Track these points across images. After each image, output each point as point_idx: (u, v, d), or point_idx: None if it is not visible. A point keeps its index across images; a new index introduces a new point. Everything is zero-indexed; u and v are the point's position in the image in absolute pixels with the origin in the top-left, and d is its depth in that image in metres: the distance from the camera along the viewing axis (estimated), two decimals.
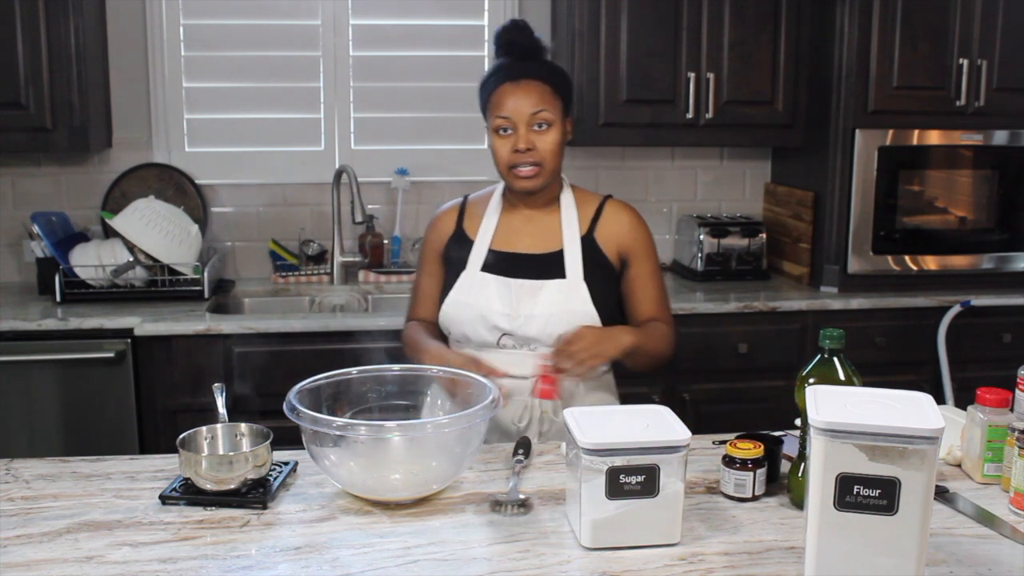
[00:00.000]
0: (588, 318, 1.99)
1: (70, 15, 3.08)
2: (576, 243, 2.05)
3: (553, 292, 2.00)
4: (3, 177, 3.45)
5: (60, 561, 1.39)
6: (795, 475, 1.59)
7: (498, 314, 1.99)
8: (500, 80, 2.01)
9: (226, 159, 3.56)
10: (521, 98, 1.97)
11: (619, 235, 2.09)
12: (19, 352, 2.87)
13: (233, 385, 2.90)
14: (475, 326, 2.01)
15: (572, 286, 2.01)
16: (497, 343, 2.01)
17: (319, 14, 3.52)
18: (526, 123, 1.97)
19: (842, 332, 1.54)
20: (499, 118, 1.98)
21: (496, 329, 2.00)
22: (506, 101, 1.98)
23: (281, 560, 1.41)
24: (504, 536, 1.48)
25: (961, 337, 3.30)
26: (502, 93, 1.99)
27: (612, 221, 2.10)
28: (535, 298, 2.00)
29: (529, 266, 2.04)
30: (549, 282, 2.01)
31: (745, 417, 3.00)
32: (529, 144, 1.97)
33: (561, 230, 2.07)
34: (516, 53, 2.03)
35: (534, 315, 1.99)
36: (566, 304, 1.99)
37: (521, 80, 1.99)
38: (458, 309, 2.03)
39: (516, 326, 1.99)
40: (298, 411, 1.58)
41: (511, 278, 2.02)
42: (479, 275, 2.04)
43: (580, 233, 2.06)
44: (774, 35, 3.39)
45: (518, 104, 1.97)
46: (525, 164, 1.98)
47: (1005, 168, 3.45)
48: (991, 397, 1.69)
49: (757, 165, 3.85)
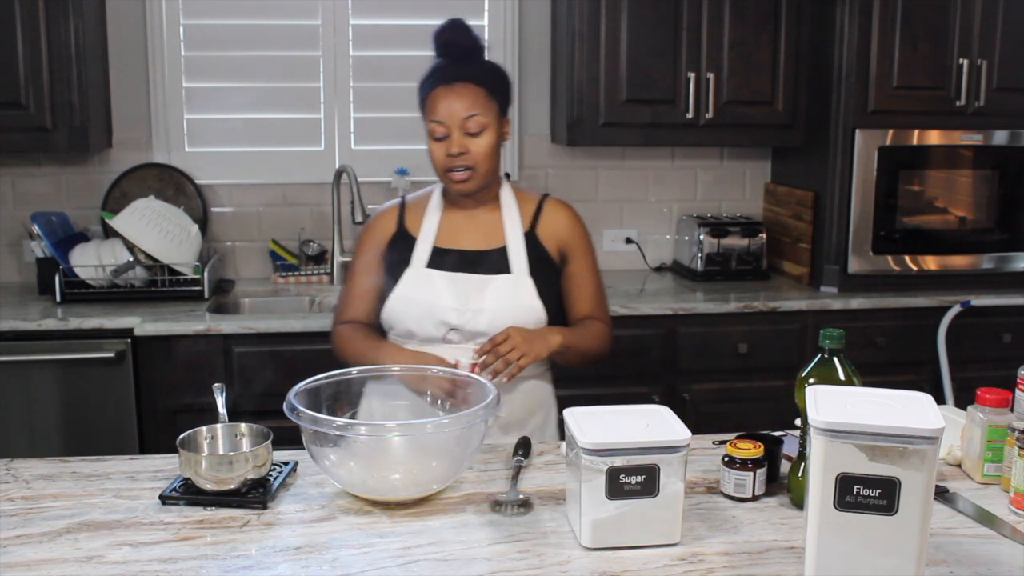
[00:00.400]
0: (535, 312, 2.03)
1: (70, 15, 3.08)
2: (519, 239, 2.08)
3: (500, 287, 2.02)
4: (3, 177, 3.45)
5: (60, 561, 1.39)
6: (795, 475, 1.59)
7: (447, 309, 2.00)
8: (434, 83, 2.01)
9: (226, 159, 3.56)
10: (454, 102, 1.98)
11: (559, 232, 2.12)
12: (19, 352, 2.87)
13: (233, 385, 2.91)
14: (422, 322, 2.02)
15: (518, 281, 2.04)
16: (443, 338, 2.02)
17: (319, 14, 3.52)
18: (459, 127, 1.98)
19: (842, 332, 1.54)
20: (433, 122, 2.00)
21: (444, 324, 2.01)
22: (439, 105, 1.99)
23: (281, 560, 1.41)
24: (504, 536, 1.48)
25: (961, 337, 3.30)
26: (435, 96, 2.00)
27: (552, 218, 2.12)
28: (482, 293, 2.01)
29: (474, 262, 2.05)
30: (496, 277, 2.03)
31: (745, 417, 3.00)
32: (462, 148, 1.98)
33: (503, 227, 2.09)
34: (454, 54, 2.03)
35: (483, 309, 2.00)
36: (514, 298, 2.02)
37: (455, 83, 1.99)
38: (405, 305, 2.03)
39: (465, 320, 2.00)
40: (298, 411, 1.58)
41: (458, 273, 2.03)
42: (425, 271, 2.04)
43: (523, 229, 2.09)
44: (774, 35, 3.39)
45: (451, 108, 1.98)
46: (458, 168, 2.00)
47: (1005, 168, 3.45)
48: (991, 397, 1.69)
49: (757, 165, 3.85)
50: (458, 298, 2.01)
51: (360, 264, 2.13)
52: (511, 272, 2.05)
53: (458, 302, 2.00)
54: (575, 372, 3.10)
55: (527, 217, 2.11)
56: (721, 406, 3.20)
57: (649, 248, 3.82)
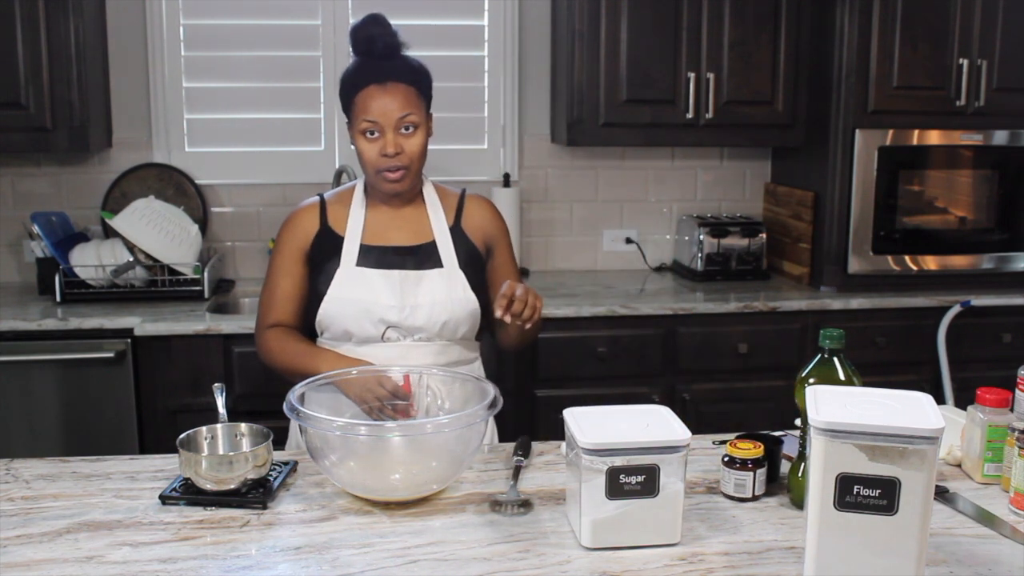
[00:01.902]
0: (470, 304, 2.03)
1: (70, 15, 3.08)
2: (446, 233, 2.07)
3: (435, 281, 2.01)
4: (3, 177, 3.45)
5: (60, 561, 1.39)
6: (795, 475, 1.59)
7: (384, 307, 1.98)
8: (366, 81, 1.97)
9: (226, 159, 3.56)
10: (388, 101, 1.95)
11: (483, 225, 2.12)
12: (19, 352, 2.87)
13: (233, 385, 2.91)
14: (359, 321, 1.99)
15: (451, 274, 2.03)
16: (382, 336, 2.00)
17: (319, 14, 3.52)
18: (393, 127, 1.96)
19: (842, 332, 1.54)
20: (366, 121, 1.96)
21: (382, 322, 1.99)
22: (372, 104, 1.96)
23: (281, 560, 1.41)
24: (504, 536, 1.48)
25: (961, 337, 3.30)
26: (368, 95, 1.96)
27: (475, 212, 2.13)
28: (418, 288, 2.00)
29: (404, 258, 2.03)
30: (429, 271, 2.02)
31: (745, 417, 3.01)
32: (397, 148, 1.96)
33: (429, 222, 2.08)
34: (378, 51, 2.00)
35: (419, 304, 1.99)
36: (449, 292, 2.01)
37: (387, 82, 1.97)
38: (340, 306, 2.00)
39: (403, 317, 1.98)
40: (298, 411, 1.58)
41: (392, 270, 2.01)
42: (356, 270, 2.01)
43: (448, 224, 2.09)
44: (774, 35, 3.39)
45: (385, 107, 1.95)
46: (393, 168, 1.98)
47: (1005, 168, 3.45)
48: (991, 397, 1.69)
49: (757, 165, 3.86)
50: (395, 295, 1.99)
51: (281, 265, 2.07)
52: (443, 266, 2.04)
53: (395, 299, 1.99)
54: (576, 372, 3.12)
55: (450, 211, 2.11)
56: (721, 406, 3.20)
57: (649, 248, 3.82)
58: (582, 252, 3.79)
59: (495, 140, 3.69)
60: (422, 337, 2.00)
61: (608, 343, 3.13)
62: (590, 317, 3.09)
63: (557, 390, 3.11)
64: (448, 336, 2.03)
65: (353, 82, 2.00)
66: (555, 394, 3.09)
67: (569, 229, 3.77)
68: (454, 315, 2.00)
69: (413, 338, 2.00)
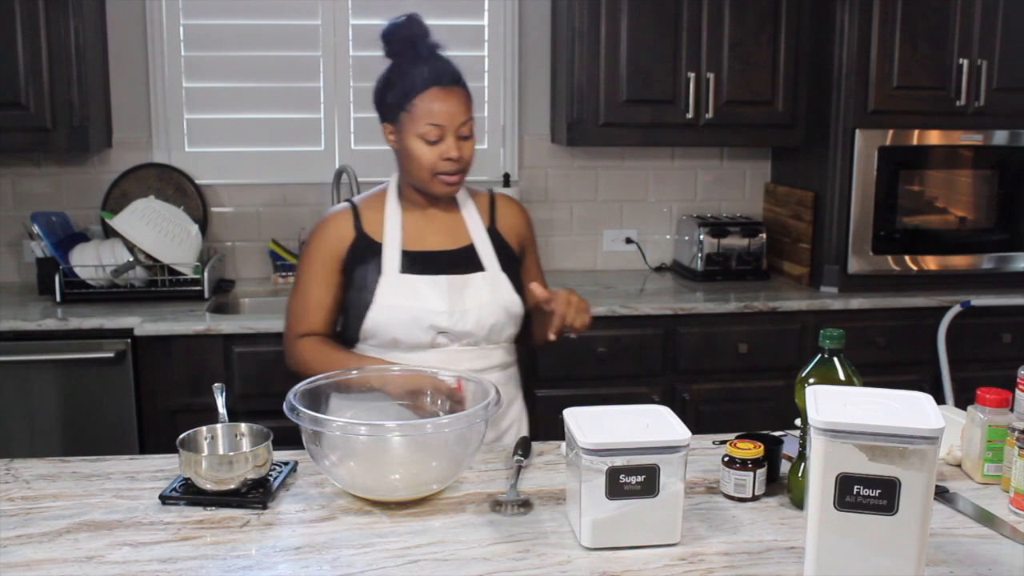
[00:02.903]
0: (516, 306, 2.03)
1: (70, 15, 3.08)
2: (484, 236, 2.07)
3: (480, 284, 2.01)
4: (3, 177, 3.45)
5: (60, 561, 1.39)
6: (795, 475, 1.59)
7: (435, 313, 1.96)
8: (426, 84, 1.94)
9: (226, 159, 3.56)
10: (454, 106, 1.94)
11: (516, 225, 2.14)
12: (19, 352, 2.87)
13: (233, 385, 2.91)
14: (409, 329, 1.97)
15: (494, 277, 2.03)
16: (431, 343, 1.99)
17: (319, 14, 3.52)
18: (454, 131, 1.95)
19: (842, 332, 1.54)
20: (430, 125, 1.93)
21: (432, 328, 1.97)
22: (438, 108, 1.93)
23: (281, 560, 1.41)
24: (504, 536, 1.48)
25: (961, 337, 3.30)
26: (431, 98, 1.93)
27: (508, 212, 2.14)
28: (464, 292, 1.99)
29: (446, 263, 2.02)
30: (473, 275, 2.02)
31: (745, 417, 3.00)
32: (459, 152, 1.96)
33: (465, 225, 2.08)
34: (422, 51, 1.97)
35: (467, 309, 1.98)
36: (494, 295, 2.01)
37: (449, 86, 1.95)
38: (389, 313, 1.96)
39: (453, 322, 1.97)
40: (298, 411, 1.58)
41: (438, 276, 2.00)
42: (403, 277, 1.99)
43: (484, 226, 2.09)
44: (774, 35, 3.39)
45: (451, 111, 1.94)
46: (451, 171, 1.97)
47: (1005, 168, 3.45)
48: (991, 397, 1.69)
49: (757, 165, 3.85)
50: (443, 300, 1.97)
51: (314, 272, 2.04)
52: (484, 270, 2.03)
53: (444, 304, 1.97)
54: (576, 372, 3.12)
55: (484, 213, 2.11)
56: (721, 406, 3.20)
57: (649, 248, 3.82)
58: (582, 252, 3.79)
59: (495, 140, 3.69)
60: (468, 342, 2.00)
61: (608, 343, 3.13)
62: None
63: (557, 390, 3.11)
64: (494, 339, 2.03)
65: (411, 84, 1.95)
66: (555, 394, 3.09)
67: (569, 229, 3.77)
68: (500, 318, 2.01)
69: (460, 343, 2.00)
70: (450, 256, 2.03)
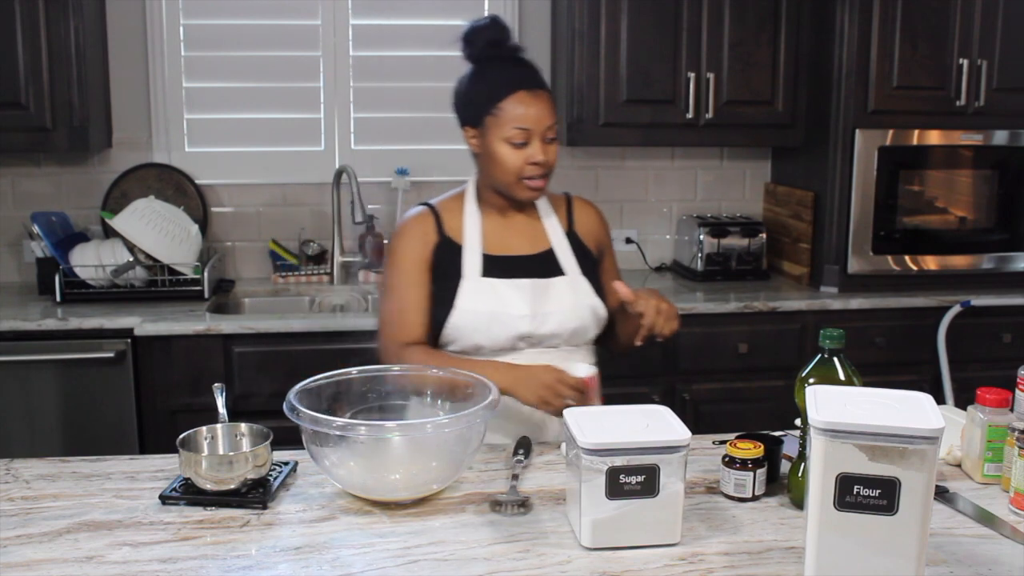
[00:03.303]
0: (597, 309, 2.03)
1: (70, 15, 3.08)
2: (563, 240, 2.07)
3: (562, 288, 2.01)
4: (3, 177, 3.45)
5: (60, 561, 1.39)
6: (795, 475, 1.59)
7: (517, 317, 1.96)
8: (514, 87, 1.94)
9: (226, 159, 3.56)
10: (541, 109, 1.94)
11: (594, 228, 2.14)
12: (19, 352, 2.87)
13: (233, 385, 2.91)
14: (492, 333, 1.96)
15: (575, 281, 2.03)
16: (512, 347, 1.98)
17: (319, 14, 3.52)
18: (541, 135, 1.94)
19: (842, 332, 1.54)
20: (518, 129, 1.93)
21: (515, 332, 1.96)
22: (527, 111, 1.93)
23: (281, 560, 1.41)
24: (504, 536, 1.48)
25: (961, 337, 3.30)
26: (519, 102, 1.93)
27: (585, 216, 2.14)
28: (546, 296, 1.99)
29: (527, 267, 2.02)
30: (554, 279, 2.02)
31: (745, 417, 3.00)
32: (545, 156, 1.96)
33: (544, 229, 2.08)
34: (507, 54, 1.99)
35: (549, 312, 1.98)
36: (576, 298, 2.01)
37: (536, 89, 1.95)
38: (471, 318, 1.95)
39: (535, 326, 1.97)
40: (298, 411, 1.58)
41: (521, 280, 1.99)
42: (485, 281, 1.98)
43: (563, 230, 2.09)
44: (774, 35, 3.39)
45: (539, 116, 1.93)
46: (537, 176, 1.97)
47: (1005, 168, 3.45)
48: (991, 397, 1.69)
49: (757, 165, 3.85)
50: (526, 304, 1.96)
51: (406, 276, 2.00)
52: (565, 274, 2.03)
53: (527, 308, 1.96)
54: None
55: (562, 217, 2.11)
56: (721, 406, 3.20)
57: (649, 248, 3.82)
58: None
59: None
60: (549, 345, 1.99)
61: None
62: None
63: None
64: (575, 342, 2.02)
65: (498, 88, 1.95)
66: None
67: None
68: (583, 322, 2.00)
69: (542, 346, 1.99)
70: (531, 260, 2.03)
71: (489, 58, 1.99)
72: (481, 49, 1.99)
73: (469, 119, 2.01)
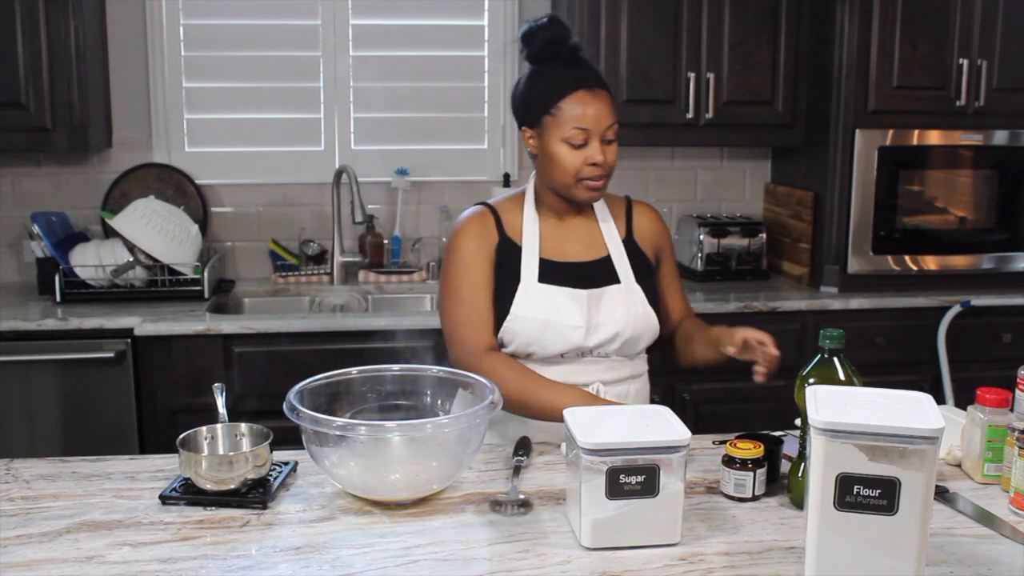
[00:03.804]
0: (650, 319, 1.99)
1: (70, 15, 3.08)
2: (620, 247, 2.03)
3: (615, 297, 1.97)
4: (3, 177, 3.45)
5: (60, 561, 1.39)
6: (795, 475, 1.59)
7: (570, 327, 1.93)
8: (574, 86, 1.90)
9: (226, 159, 3.56)
10: (600, 109, 1.90)
11: (654, 234, 2.09)
12: (19, 352, 2.87)
13: (233, 385, 2.91)
14: (545, 341, 1.93)
15: (629, 290, 1.99)
16: (562, 355, 1.96)
17: (319, 14, 3.52)
18: (600, 135, 1.91)
19: (842, 332, 1.54)
20: (577, 129, 1.89)
21: (566, 341, 1.94)
22: (585, 111, 1.89)
23: (281, 560, 1.41)
24: (504, 536, 1.48)
25: (961, 337, 3.30)
26: (579, 101, 1.89)
27: (645, 221, 2.10)
28: (599, 306, 1.96)
29: (583, 274, 1.98)
30: (609, 288, 1.98)
31: (745, 417, 3.00)
32: (604, 157, 1.91)
33: (602, 235, 2.04)
34: (565, 53, 1.94)
35: (601, 323, 1.94)
36: (629, 308, 1.97)
37: (596, 89, 1.92)
38: (524, 324, 1.93)
39: (588, 338, 1.94)
40: (298, 411, 1.58)
41: (577, 290, 1.96)
42: (541, 287, 1.95)
43: (621, 236, 2.05)
44: (774, 35, 3.39)
45: (598, 115, 1.90)
46: (596, 176, 1.93)
47: (1005, 168, 3.45)
48: (991, 397, 1.69)
49: (757, 165, 3.85)
50: (581, 314, 1.93)
51: (474, 277, 1.96)
52: (620, 282, 1.99)
53: (582, 319, 1.93)
54: None
55: (621, 222, 2.07)
56: (721, 406, 3.20)
57: None
58: None
59: (495, 140, 3.69)
60: (599, 353, 1.97)
61: None
62: None
63: None
64: (627, 352, 1.99)
65: (557, 87, 1.91)
66: None
67: None
68: (636, 331, 1.97)
69: (592, 355, 1.97)
70: (587, 267, 2.00)
71: (548, 58, 1.94)
72: (540, 49, 1.94)
73: (527, 119, 1.97)
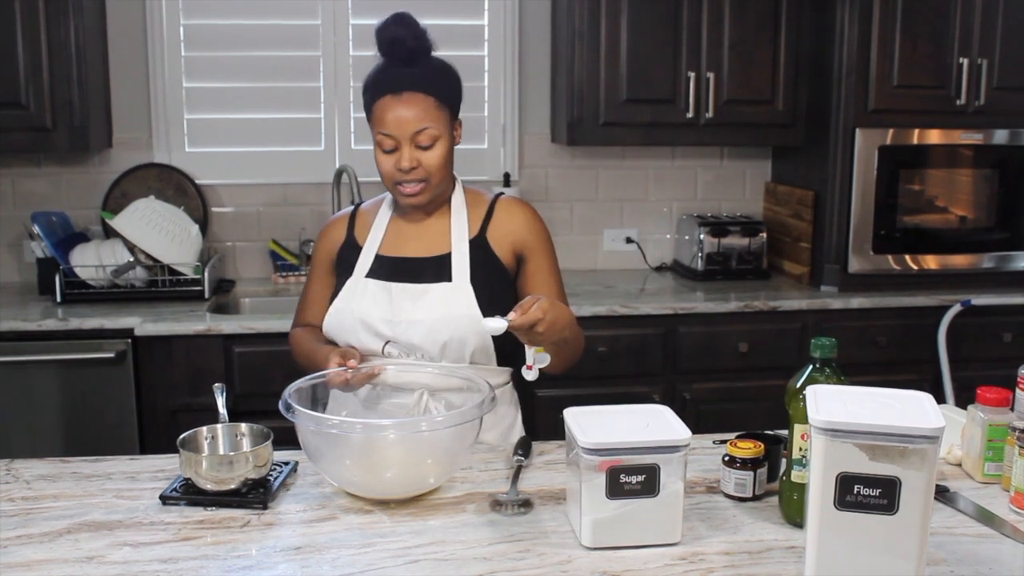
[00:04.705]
0: (473, 322, 1.86)
1: (70, 15, 3.08)
2: (464, 245, 1.95)
3: (436, 296, 1.90)
4: (3, 177, 3.45)
5: (60, 561, 1.39)
6: (786, 492, 1.53)
7: (378, 320, 1.90)
8: (381, 91, 1.88)
9: (226, 159, 3.56)
10: (404, 113, 1.85)
11: (513, 233, 1.98)
12: (19, 352, 2.87)
13: (233, 385, 2.91)
14: (357, 334, 1.92)
15: (457, 289, 1.90)
16: (382, 351, 1.92)
17: (319, 14, 3.52)
18: (410, 141, 1.86)
19: (834, 342, 1.49)
20: (381, 134, 1.88)
21: (378, 336, 1.91)
22: (387, 116, 1.87)
23: (281, 560, 1.41)
24: (504, 536, 1.48)
25: (961, 336, 3.30)
26: (383, 107, 1.88)
27: (505, 220, 1.99)
28: (416, 303, 1.90)
29: (415, 270, 1.94)
30: (432, 286, 1.91)
31: (745, 417, 3.00)
32: (413, 162, 1.87)
33: (449, 233, 1.97)
34: (400, 54, 1.89)
35: (416, 320, 1.88)
36: (450, 308, 1.88)
37: (403, 93, 1.86)
38: (340, 317, 1.94)
39: (398, 332, 1.90)
40: (294, 409, 1.58)
41: (392, 283, 1.93)
42: (362, 281, 1.96)
43: (470, 235, 1.96)
44: (774, 35, 3.39)
45: (401, 121, 1.86)
46: (410, 182, 1.89)
47: (1005, 167, 3.45)
48: (991, 396, 1.69)
49: (757, 165, 3.85)
50: (388, 308, 1.90)
51: (313, 271, 2.11)
52: (451, 280, 1.91)
53: (389, 313, 1.89)
54: (576, 371, 3.11)
55: (477, 221, 1.98)
56: (721, 406, 3.20)
57: (649, 248, 3.82)
58: (582, 251, 3.79)
59: (495, 140, 3.69)
60: (425, 357, 1.91)
61: (608, 343, 3.13)
62: (590, 317, 3.09)
63: (557, 390, 3.10)
64: (454, 357, 1.90)
65: (371, 92, 1.92)
66: (555, 394, 3.08)
67: (569, 228, 3.77)
68: (456, 333, 1.87)
69: (415, 356, 1.91)
70: (421, 264, 1.95)
71: (386, 56, 1.93)
72: (382, 48, 1.93)
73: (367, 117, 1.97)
